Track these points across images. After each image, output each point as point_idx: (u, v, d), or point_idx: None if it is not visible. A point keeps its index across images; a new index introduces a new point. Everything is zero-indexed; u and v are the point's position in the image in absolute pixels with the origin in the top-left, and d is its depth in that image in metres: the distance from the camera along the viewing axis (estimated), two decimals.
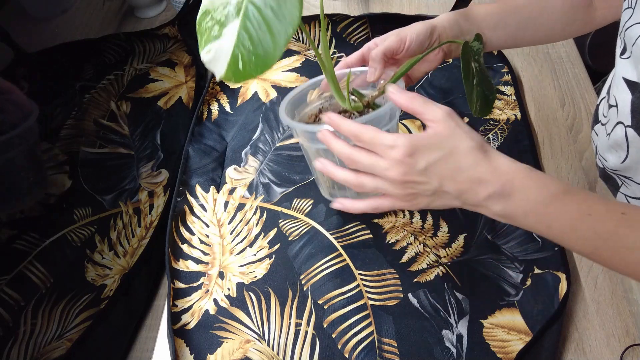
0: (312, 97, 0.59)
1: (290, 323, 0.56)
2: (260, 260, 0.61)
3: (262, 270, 0.60)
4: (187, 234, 0.64)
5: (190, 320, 0.57)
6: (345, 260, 0.60)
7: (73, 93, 0.83)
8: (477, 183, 0.42)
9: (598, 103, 0.65)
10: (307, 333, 0.55)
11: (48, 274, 0.62)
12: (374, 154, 0.43)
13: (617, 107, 0.56)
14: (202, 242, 0.63)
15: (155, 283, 0.63)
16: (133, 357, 0.57)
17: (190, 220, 0.65)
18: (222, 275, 0.60)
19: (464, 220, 0.62)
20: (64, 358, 0.54)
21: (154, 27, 0.90)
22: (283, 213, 0.65)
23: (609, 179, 0.63)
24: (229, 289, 0.59)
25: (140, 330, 0.59)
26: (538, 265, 0.57)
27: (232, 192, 0.68)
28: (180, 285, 0.60)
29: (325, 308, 0.57)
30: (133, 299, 0.60)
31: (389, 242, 0.61)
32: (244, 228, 0.64)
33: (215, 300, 0.58)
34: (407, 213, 0.63)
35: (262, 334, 0.55)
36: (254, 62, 0.35)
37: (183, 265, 0.61)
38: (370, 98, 0.52)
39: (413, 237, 0.61)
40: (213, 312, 0.57)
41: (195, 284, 0.60)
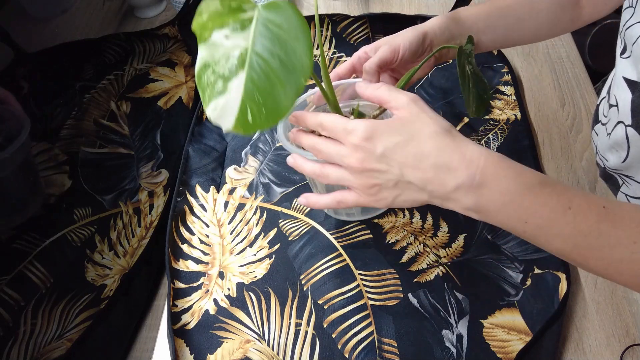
0: (311, 108, 0.58)
1: (290, 323, 0.56)
2: (260, 260, 0.61)
3: (262, 270, 0.60)
4: (187, 234, 0.64)
5: (190, 320, 0.57)
6: (345, 260, 0.60)
7: (73, 93, 0.83)
8: (444, 171, 0.38)
9: (598, 103, 0.65)
10: (307, 333, 0.55)
11: (48, 274, 0.62)
12: (336, 142, 0.41)
13: (617, 106, 0.56)
14: (202, 242, 0.63)
15: (155, 283, 0.63)
16: (133, 357, 0.57)
17: (190, 220, 0.65)
18: (222, 275, 0.60)
19: (464, 220, 0.62)
20: (64, 358, 0.54)
21: (154, 27, 0.90)
22: (283, 213, 0.65)
23: (610, 179, 0.63)
24: (229, 289, 0.59)
25: (140, 330, 0.59)
26: (538, 265, 0.57)
27: (232, 192, 0.68)
28: (180, 285, 0.60)
29: (325, 308, 0.57)
30: (133, 299, 0.60)
31: (389, 242, 0.61)
32: (244, 228, 0.64)
33: (215, 300, 0.58)
34: (407, 213, 0.63)
35: (262, 334, 0.55)
36: (265, 114, 0.33)
37: (183, 265, 0.61)
38: (372, 118, 0.52)
39: (413, 237, 0.61)
40: (213, 312, 0.57)
41: (195, 284, 0.60)
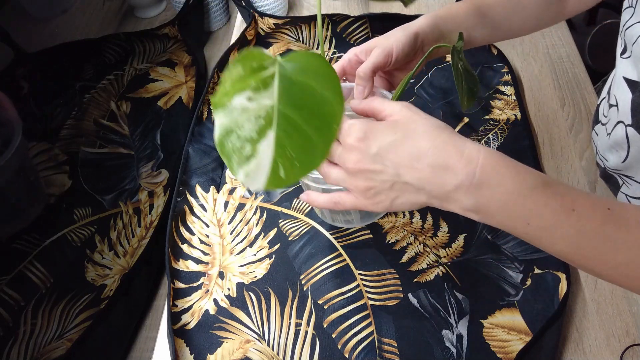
0: None
1: (290, 323, 0.56)
2: (260, 260, 0.61)
3: (262, 270, 0.60)
4: (187, 234, 0.64)
5: (190, 320, 0.57)
6: (345, 260, 0.60)
7: (73, 93, 0.83)
8: (442, 170, 0.37)
9: (598, 103, 0.65)
10: (307, 333, 0.55)
11: (48, 274, 0.62)
12: (336, 142, 0.41)
13: (617, 106, 0.56)
14: (202, 242, 0.63)
15: (155, 283, 0.63)
16: (133, 357, 0.57)
17: (190, 220, 0.65)
18: (222, 275, 0.60)
19: (464, 221, 0.62)
20: (64, 358, 0.54)
21: (154, 27, 0.90)
22: (283, 213, 0.65)
23: (610, 179, 0.63)
24: (229, 289, 0.59)
25: (140, 330, 0.59)
26: (538, 265, 0.57)
27: (232, 192, 0.68)
28: (180, 285, 0.60)
29: (325, 308, 0.57)
30: (133, 299, 0.60)
31: (389, 242, 0.61)
32: (244, 228, 0.64)
33: (215, 300, 0.58)
34: (406, 213, 0.63)
35: (262, 334, 0.55)
36: (298, 167, 0.32)
37: (183, 265, 0.61)
38: None
39: (413, 237, 0.61)
40: (213, 312, 0.57)
41: (195, 284, 0.60)
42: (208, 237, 0.64)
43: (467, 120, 0.73)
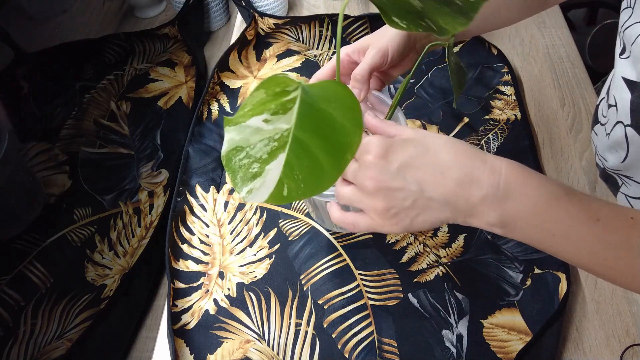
0: None
1: (290, 323, 0.56)
2: (260, 260, 0.61)
3: (262, 270, 0.60)
4: (187, 234, 0.64)
5: (190, 320, 0.57)
6: (345, 260, 0.60)
7: (73, 93, 0.83)
8: (467, 182, 0.36)
9: (598, 103, 0.65)
10: (307, 333, 0.55)
11: (48, 274, 0.62)
12: (353, 160, 0.39)
13: (616, 106, 0.56)
14: (202, 242, 0.63)
15: (155, 283, 0.63)
16: (133, 357, 0.57)
17: (190, 220, 0.65)
18: (222, 275, 0.60)
19: None
20: (64, 358, 0.54)
21: (154, 27, 0.90)
22: (283, 213, 0.65)
23: (609, 179, 0.63)
24: (229, 289, 0.59)
25: (140, 330, 0.59)
26: (538, 265, 0.57)
27: (232, 192, 0.68)
28: (180, 285, 0.60)
29: (325, 308, 0.57)
30: (133, 299, 0.60)
31: (389, 242, 0.61)
32: (244, 228, 0.64)
33: (215, 300, 0.58)
34: None
35: (262, 334, 0.55)
36: (303, 188, 0.31)
37: (183, 265, 0.61)
38: None
39: (413, 237, 0.61)
40: (213, 312, 0.57)
41: (195, 284, 0.60)
42: (208, 237, 0.64)
43: (467, 120, 0.73)
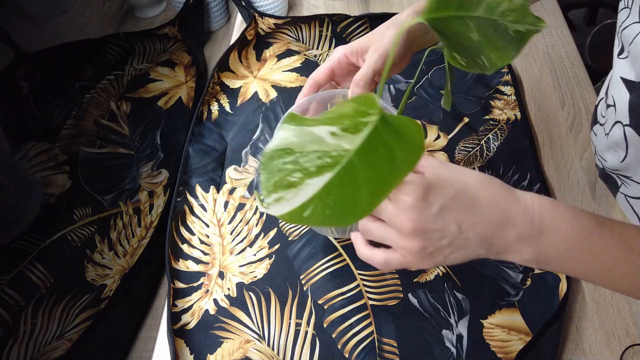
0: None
1: (290, 323, 0.56)
2: (260, 260, 0.61)
3: (262, 270, 0.60)
4: (187, 234, 0.64)
5: (190, 320, 0.57)
6: (345, 260, 0.60)
7: (73, 93, 0.83)
8: (503, 222, 0.36)
9: (597, 104, 0.65)
10: (307, 333, 0.55)
11: (48, 274, 0.62)
12: (386, 199, 0.37)
13: (615, 106, 0.56)
14: (202, 242, 0.63)
15: (155, 283, 0.63)
16: (133, 357, 0.57)
17: (190, 220, 0.65)
18: (222, 275, 0.60)
19: None
20: (64, 358, 0.54)
21: (154, 27, 0.90)
22: None
23: (609, 179, 0.63)
24: (229, 289, 0.59)
25: (140, 330, 0.59)
26: None
27: (232, 192, 0.68)
28: (180, 285, 0.60)
29: (325, 308, 0.57)
30: (133, 299, 0.60)
31: None
32: (244, 228, 0.64)
33: (215, 300, 0.58)
34: None
35: (262, 334, 0.55)
36: (327, 215, 0.29)
37: (183, 265, 0.61)
38: None
39: None
40: (213, 312, 0.57)
41: (195, 284, 0.60)
42: (208, 237, 0.64)
43: (467, 120, 0.73)
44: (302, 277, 0.59)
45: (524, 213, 0.36)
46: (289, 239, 0.63)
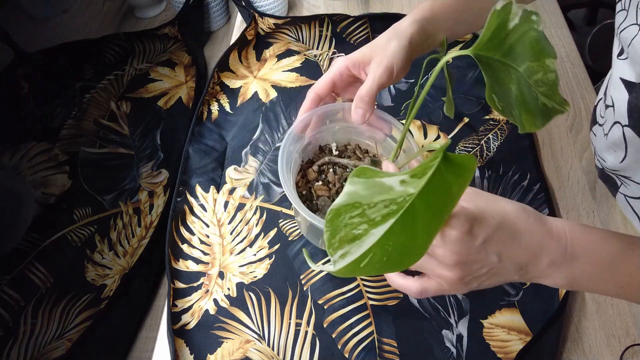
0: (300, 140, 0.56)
1: (290, 323, 0.56)
2: (260, 260, 0.61)
3: (262, 270, 0.60)
4: (187, 234, 0.64)
5: (190, 320, 0.57)
6: None
7: (73, 93, 0.83)
8: (539, 251, 0.37)
9: (596, 104, 0.65)
10: (307, 333, 0.55)
11: (48, 274, 0.62)
12: None
13: (613, 107, 0.56)
14: (202, 242, 0.63)
15: (155, 283, 0.63)
16: (133, 357, 0.57)
17: (190, 220, 0.65)
18: (222, 275, 0.60)
19: None
20: (64, 358, 0.54)
21: (154, 27, 0.90)
22: (283, 213, 0.65)
23: (608, 179, 0.63)
24: (229, 289, 0.59)
25: (140, 330, 0.59)
26: None
27: (232, 192, 0.68)
28: (180, 285, 0.60)
29: (325, 308, 0.57)
30: (133, 299, 0.60)
31: None
32: (244, 228, 0.64)
33: (215, 300, 0.58)
34: None
35: (262, 334, 0.55)
36: (384, 262, 0.29)
37: (183, 265, 0.61)
38: (392, 160, 0.49)
39: None
40: (213, 312, 0.57)
41: (195, 284, 0.60)
42: (208, 237, 0.64)
43: (467, 120, 0.73)
44: (302, 277, 0.59)
45: (557, 241, 0.37)
46: (289, 239, 0.63)
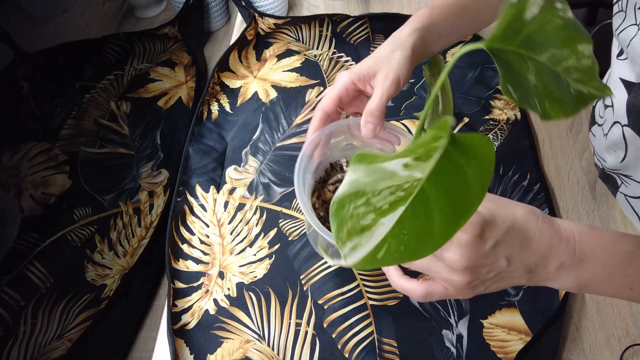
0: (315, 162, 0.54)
1: (290, 323, 0.56)
2: (260, 260, 0.61)
3: (262, 270, 0.60)
4: (187, 234, 0.64)
5: (190, 320, 0.57)
6: None
7: (73, 93, 0.83)
8: (547, 254, 0.36)
9: (594, 105, 0.65)
10: (307, 333, 0.55)
11: (48, 274, 0.62)
12: None
13: (612, 107, 0.56)
14: (202, 242, 0.63)
15: (155, 283, 0.63)
16: (133, 357, 0.57)
17: (190, 220, 0.65)
18: (222, 275, 0.60)
19: None
20: (64, 358, 0.54)
21: (154, 27, 0.90)
22: (283, 213, 0.65)
23: (608, 179, 0.63)
24: (229, 289, 0.59)
25: (140, 330, 0.59)
26: None
27: (232, 192, 0.68)
28: (180, 285, 0.60)
29: (325, 308, 0.57)
30: (133, 299, 0.60)
31: None
32: (244, 228, 0.64)
33: (215, 300, 0.58)
34: None
35: (262, 334, 0.55)
36: (402, 251, 0.27)
37: (183, 265, 0.61)
38: None
39: None
40: (213, 312, 0.57)
41: (195, 284, 0.60)
42: (208, 237, 0.64)
43: (467, 120, 0.73)
44: (302, 277, 0.59)
45: (566, 243, 0.36)
46: (289, 239, 0.63)
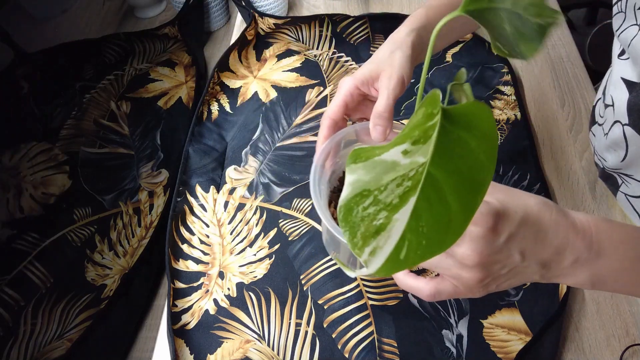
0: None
1: (290, 323, 0.56)
2: (260, 260, 0.61)
3: (262, 270, 0.60)
4: (187, 234, 0.64)
5: (190, 320, 0.57)
6: None
7: (73, 93, 0.83)
8: (562, 247, 0.35)
9: (594, 104, 0.65)
10: (307, 333, 0.55)
11: (48, 274, 0.62)
12: None
13: (613, 106, 0.56)
14: (202, 242, 0.63)
15: (155, 283, 0.63)
16: (133, 357, 0.57)
17: (190, 220, 0.65)
18: (222, 275, 0.60)
19: None
20: (64, 358, 0.54)
21: (154, 27, 0.90)
22: (283, 213, 0.65)
23: (609, 178, 0.63)
24: (229, 289, 0.59)
25: (140, 330, 0.59)
26: None
27: (232, 192, 0.68)
28: (180, 285, 0.60)
29: (325, 308, 0.57)
30: (133, 299, 0.60)
31: None
32: (244, 228, 0.64)
33: (215, 300, 0.58)
34: None
35: (262, 334, 0.55)
36: (424, 246, 0.25)
37: (183, 265, 0.61)
38: None
39: None
40: (213, 312, 0.57)
41: (195, 284, 0.60)
42: (208, 237, 0.64)
43: None
44: (302, 277, 0.59)
45: (582, 237, 0.35)
46: (289, 239, 0.63)
